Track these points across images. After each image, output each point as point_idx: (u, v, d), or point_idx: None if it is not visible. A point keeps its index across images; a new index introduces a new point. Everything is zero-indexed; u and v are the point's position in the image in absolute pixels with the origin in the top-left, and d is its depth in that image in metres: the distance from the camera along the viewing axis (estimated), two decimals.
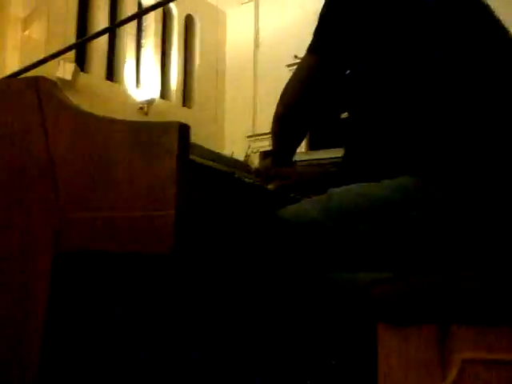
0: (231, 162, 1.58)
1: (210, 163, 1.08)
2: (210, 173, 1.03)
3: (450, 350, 0.76)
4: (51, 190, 0.97)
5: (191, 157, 0.95)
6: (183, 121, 0.91)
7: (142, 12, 5.68)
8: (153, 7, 1.61)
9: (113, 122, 0.95)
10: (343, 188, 1.06)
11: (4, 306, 1.00)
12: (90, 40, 2.44)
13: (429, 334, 0.77)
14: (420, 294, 0.80)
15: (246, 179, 1.15)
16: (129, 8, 8.41)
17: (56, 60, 6.14)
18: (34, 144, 1.01)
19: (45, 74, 1.07)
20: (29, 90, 1.03)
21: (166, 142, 0.88)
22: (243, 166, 1.72)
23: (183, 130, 0.90)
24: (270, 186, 1.27)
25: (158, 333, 1.06)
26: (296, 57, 8.55)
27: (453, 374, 0.76)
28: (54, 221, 0.96)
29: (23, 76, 1.24)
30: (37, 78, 1.04)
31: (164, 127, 0.89)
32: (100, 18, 8.03)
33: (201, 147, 1.32)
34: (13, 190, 1.02)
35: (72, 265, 0.97)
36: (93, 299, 1.01)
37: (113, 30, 7.38)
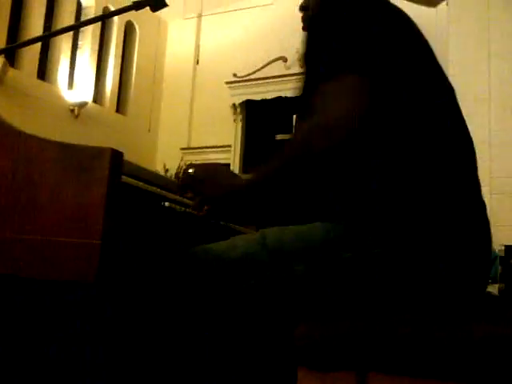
0: (165, 182, 1.55)
1: (141, 184, 1.05)
2: (140, 199, 1.01)
3: None
4: None
5: (123, 179, 0.92)
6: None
7: (82, 23, 5.53)
8: (95, 19, 1.57)
9: (42, 141, 0.90)
10: (276, 228, 1.05)
11: None
12: (25, 46, 2.34)
13: (347, 380, 0.78)
14: (341, 341, 0.81)
15: (178, 206, 1.14)
16: (67, 5, 8.16)
17: None
18: None
19: None
20: None
21: (97, 167, 0.85)
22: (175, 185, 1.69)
23: (116, 156, 0.87)
24: (201, 212, 1.26)
25: (77, 363, 1.01)
26: (235, 75, 8.62)
27: None
28: None
29: None
30: None
31: (97, 152, 0.86)
32: (36, 13, 7.73)
33: (134, 165, 1.28)
34: None
35: None
36: (10, 325, 0.95)
37: (48, 37, 7.12)
